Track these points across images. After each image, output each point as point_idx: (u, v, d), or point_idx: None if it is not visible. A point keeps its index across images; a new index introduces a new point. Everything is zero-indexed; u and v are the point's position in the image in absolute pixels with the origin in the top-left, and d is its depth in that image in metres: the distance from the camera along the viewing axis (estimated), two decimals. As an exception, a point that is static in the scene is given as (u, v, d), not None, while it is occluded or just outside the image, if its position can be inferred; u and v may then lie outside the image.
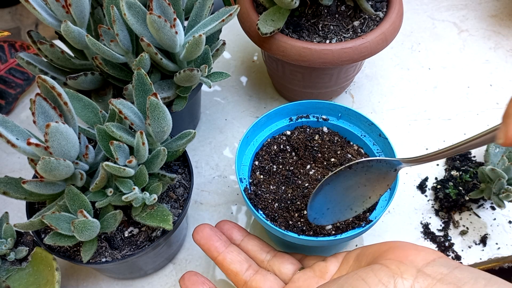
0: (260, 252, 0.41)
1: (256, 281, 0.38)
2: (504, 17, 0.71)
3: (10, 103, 0.61)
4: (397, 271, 0.29)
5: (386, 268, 0.29)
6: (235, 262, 0.39)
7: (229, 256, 0.39)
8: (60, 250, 0.39)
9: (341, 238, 0.39)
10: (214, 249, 0.40)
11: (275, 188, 0.44)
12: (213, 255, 0.40)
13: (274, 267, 0.40)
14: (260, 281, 0.38)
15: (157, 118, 0.35)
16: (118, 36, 0.41)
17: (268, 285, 0.37)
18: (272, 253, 0.41)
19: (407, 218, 0.50)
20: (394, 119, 0.59)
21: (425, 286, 0.27)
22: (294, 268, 0.39)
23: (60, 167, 0.32)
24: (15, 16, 1.17)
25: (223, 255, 0.39)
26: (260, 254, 0.41)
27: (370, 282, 0.29)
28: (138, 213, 0.38)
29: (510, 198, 0.45)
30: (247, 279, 0.38)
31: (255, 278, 0.38)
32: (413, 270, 0.29)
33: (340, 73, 0.53)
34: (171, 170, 0.44)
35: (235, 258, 0.39)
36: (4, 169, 0.56)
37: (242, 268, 0.39)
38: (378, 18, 0.51)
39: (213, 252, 0.40)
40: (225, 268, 0.39)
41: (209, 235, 0.40)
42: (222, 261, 0.39)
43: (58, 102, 0.33)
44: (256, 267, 0.40)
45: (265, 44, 0.50)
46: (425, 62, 0.65)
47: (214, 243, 0.40)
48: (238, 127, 0.59)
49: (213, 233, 0.40)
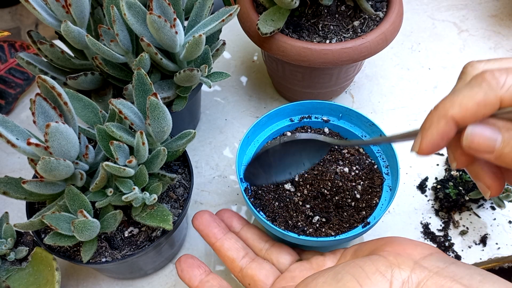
0: (259, 241, 0.41)
1: (252, 269, 0.38)
2: (504, 17, 0.71)
3: (10, 103, 0.61)
4: (394, 262, 0.29)
5: (383, 259, 0.30)
6: (232, 249, 0.39)
7: (226, 242, 0.40)
8: (60, 250, 0.39)
9: (341, 239, 0.39)
10: (212, 235, 0.40)
11: (275, 188, 0.44)
12: (211, 241, 0.40)
13: (272, 256, 0.40)
14: (256, 269, 0.38)
15: (157, 118, 0.35)
16: (118, 36, 0.41)
17: (264, 273, 0.38)
18: (270, 243, 0.41)
19: (407, 218, 0.50)
20: (394, 119, 0.59)
21: (422, 277, 0.27)
22: (291, 259, 0.40)
23: (60, 167, 0.32)
24: (15, 16, 1.17)
25: (221, 242, 0.40)
26: (259, 243, 0.41)
27: (368, 270, 0.29)
28: (138, 213, 0.38)
29: (510, 198, 0.45)
30: (243, 266, 0.39)
31: (250, 266, 0.38)
32: (410, 262, 0.29)
33: (340, 73, 0.53)
34: (171, 170, 0.44)
35: (233, 245, 0.40)
36: (4, 169, 0.56)
37: (238, 255, 0.39)
38: (378, 18, 0.51)
39: (211, 238, 0.40)
40: (222, 255, 0.40)
41: (208, 221, 0.40)
42: (220, 247, 0.40)
43: (58, 102, 0.33)
44: (253, 255, 0.40)
45: (265, 44, 0.50)
46: (425, 62, 0.65)
47: (212, 229, 0.40)
48: (238, 127, 0.59)
49: (212, 220, 0.41)
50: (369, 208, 0.42)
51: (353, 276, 0.29)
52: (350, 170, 0.45)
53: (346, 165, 0.45)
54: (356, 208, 0.42)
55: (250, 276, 0.38)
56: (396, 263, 0.29)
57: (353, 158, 0.46)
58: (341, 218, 0.42)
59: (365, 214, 0.42)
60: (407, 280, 0.28)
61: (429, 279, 0.27)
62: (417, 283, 0.27)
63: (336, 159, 0.46)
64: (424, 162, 0.54)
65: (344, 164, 0.45)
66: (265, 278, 0.38)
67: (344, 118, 0.48)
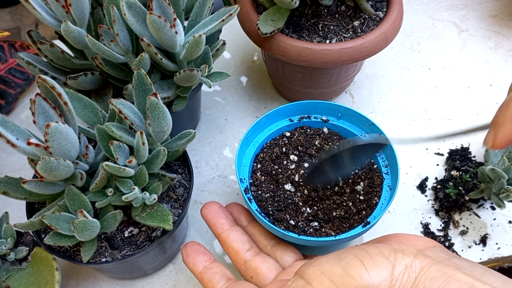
0: (264, 238, 0.41)
1: (256, 262, 0.38)
2: (504, 17, 0.71)
3: (10, 103, 0.61)
4: (398, 248, 0.29)
5: (387, 245, 0.30)
6: (237, 241, 0.39)
7: (232, 234, 0.40)
8: (60, 250, 0.39)
9: (341, 239, 0.39)
10: (219, 225, 0.40)
11: (275, 188, 0.44)
12: (217, 231, 0.40)
13: (276, 253, 0.40)
14: (260, 262, 0.38)
15: (157, 118, 0.35)
16: (118, 36, 0.41)
17: (267, 267, 0.38)
18: (276, 241, 0.41)
19: (407, 218, 0.50)
20: (394, 119, 0.59)
21: (425, 264, 0.28)
22: (295, 258, 0.40)
23: (60, 167, 0.32)
24: (15, 16, 1.17)
25: (227, 233, 0.40)
26: (264, 239, 0.41)
27: (371, 252, 0.29)
28: (138, 213, 0.38)
29: (510, 198, 0.45)
30: (247, 259, 0.39)
31: (254, 259, 0.38)
32: (413, 249, 0.29)
33: (340, 73, 0.53)
34: (171, 170, 0.44)
35: (238, 238, 0.40)
36: (4, 169, 0.56)
37: (243, 247, 0.39)
38: (378, 18, 0.51)
39: (218, 228, 0.40)
40: (227, 246, 0.40)
41: (217, 212, 0.41)
42: (225, 238, 0.40)
43: (58, 102, 0.33)
44: (258, 250, 0.40)
45: (265, 44, 0.50)
46: (425, 62, 0.65)
47: (220, 219, 0.40)
48: (238, 127, 0.59)
49: (221, 211, 0.41)
50: (369, 208, 0.42)
51: (356, 256, 0.29)
52: (350, 170, 0.45)
53: (346, 165, 0.45)
54: (356, 208, 0.42)
55: (253, 269, 0.38)
56: (400, 249, 0.29)
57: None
58: (341, 218, 0.42)
59: (365, 214, 0.42)
60: (410, 265, 0.28)
61: (432, 266, 0.27)
62: (420, 268, 0.27)
63: (336, 159, 0.46)
64: (424, 162, 0.54)
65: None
66: (267, 272, 0.38)
67: (344, 118, 0.48)
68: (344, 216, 0.42)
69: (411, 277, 0.27)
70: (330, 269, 0.29)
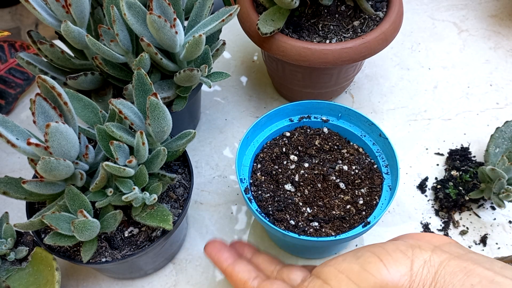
0: (270, 265, 0.40)
1: (264, 286, 0.37)
2: (504, 17, 0.71)
3: (10, 103, 0.61)
4: (415, 244, 0.29)
5: (404, 242, 0.30)
6: (243, 271, 0.39)
7: (238, 266, 0.39)
8: (60, 250, 0.39)
9: (341, 239, 0.39)
10: (223, 260, 0.40)
11: (276, 188, 0.44)
12: (222, 266, 0.40)
13: (283, 275, 0.39)
14: (268, 285, 0.38)
15: (157, 118, 0.35)
16: (118, 36, 0.41)
17: (275, 286, 0.37)
18: (281, 265, 0.40)
19: (407, 218, 0.50)
20: (394, 119, 0.59)
21: (444, 258, 0.27)
22: (302, 276, 0.39)
23: (60, 167, 0.32)
24: (15, 16, 1.17)
25: (232, 266, 0.39)
26: (270, 266, 0.40)
27: (388, 248, 0.29)
28: (138, 213, 0.38)
29: (510, 198, 0.45)
30: (255, 286, 0.38)
31: (263, 285, 0.38)
32: (430, 245, 0.29)
33: (340, 73, 0.53)
34: (171, 170, 0.44)
35: (244, 268, 0.39)
36: (4, 169, 0.56)
37: (250, 276, 0.38)
38: (378, 18, 0.51)
39: (223, 263, 0.40)
40: (233, 278, 0.39)
41: (220, 247, 0.40)
42: (231, 271, 0.39)
43: (58, 102, 0.33)
44: (265, 277, 0.39)
45: (265, 44, 0.50)
46: (425, 62, 0.65)
47: (224, 253, 0.40)
48: (238, 127, 0.59)
49: (223, 246, 0.41)
50: (369, 208, 0.42)
51: (374, 253, 0.29)
52: (349, 170, 0.45)
53: (346, 164, 0.45)
54: (356, 208, 0.42)
55: None
56: (416, 245, 0.29)
57: (353, 158, 0.46)
58: (341, 218, 0.42)
59: (365, 213, 0.42)
60: (429, 260, 0.28)
61: (451, 260, 0.27)
62: (439, 263, 0.27)
63: (335, 159, 0.46)
64: (424, 162, 0.54)
65: (343, 163, 0.45)
66: None
67: (343, 118, 0.48)
68: (344, 216, 0.42)
69: (430, 271, 0.27)
70: (348, 267, 0.29)
